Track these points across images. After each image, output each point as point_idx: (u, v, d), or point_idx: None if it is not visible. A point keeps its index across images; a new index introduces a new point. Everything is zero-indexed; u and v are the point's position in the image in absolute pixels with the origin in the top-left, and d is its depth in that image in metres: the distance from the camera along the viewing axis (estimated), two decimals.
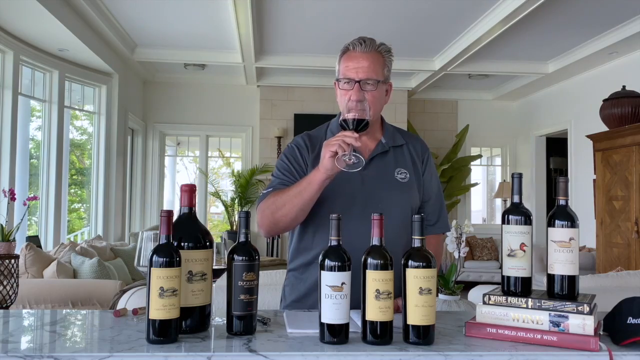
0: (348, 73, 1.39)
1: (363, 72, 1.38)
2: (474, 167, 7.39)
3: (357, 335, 1.05)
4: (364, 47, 1.40)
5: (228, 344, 1.03)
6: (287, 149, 1.49)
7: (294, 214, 1.33)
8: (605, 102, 4.66)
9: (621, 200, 4.49)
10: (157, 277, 1.00)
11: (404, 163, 1.48)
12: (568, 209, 1.10)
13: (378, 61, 1.41)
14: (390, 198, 1.41)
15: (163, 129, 6.98)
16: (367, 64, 1.39)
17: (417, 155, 1.51)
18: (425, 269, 1.03)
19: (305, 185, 1.29)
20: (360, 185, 1.40)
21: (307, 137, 1.50)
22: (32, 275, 3.55)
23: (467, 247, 2.39)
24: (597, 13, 4.33)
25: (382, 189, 1.42)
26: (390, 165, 1.47)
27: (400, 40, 5.07)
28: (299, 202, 1.31)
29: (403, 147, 1.51)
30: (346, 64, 1.41)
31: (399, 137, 1.52)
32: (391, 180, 1.44)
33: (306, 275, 1.43)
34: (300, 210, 1.33)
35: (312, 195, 1.29)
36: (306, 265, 1.44)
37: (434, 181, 1.54)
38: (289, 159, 1.45)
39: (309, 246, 1.43)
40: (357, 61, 1.39)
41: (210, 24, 4.88)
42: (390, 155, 1.48)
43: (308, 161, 1.44)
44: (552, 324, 1.03)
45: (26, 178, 4.75)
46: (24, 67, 4.68)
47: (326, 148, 1.23)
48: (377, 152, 1.47)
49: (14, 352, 0.94)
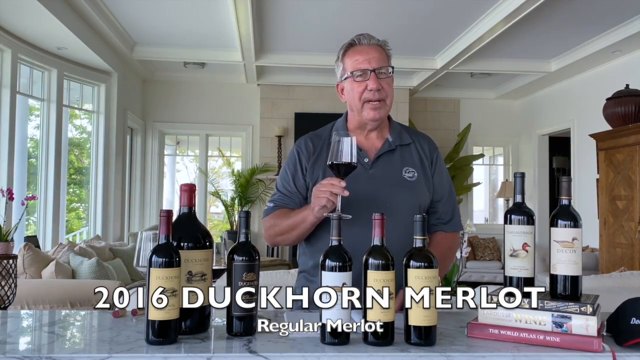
0: (361, 65, 1.41)
1: (375, 61, 1.41)
2: (476, 166, 7.37)
3: (358, 336, 1.04)
4: (368, 40, 1.44)
5: (228, 345, 1.02)
6: (289, 155, 1.54)
7: (291, 241, 1.45)
8: (608, 101, 4.64)
9: (624, 200, 4.48)
10: (157, 277, 0.99)
11: (412, 162, 1.48)
12: (571, 209, 1.09)
13: (383, 52, 1.44)
14: (398, 197, 1.40)
15: (163, 128, 6.97)
16: (377, 54, 1.42)
17: (424, 154, 1.51)
18: (427, 269, 1.02)
19: (300, 222, 1.37)
20: (367, 184, 1.40)
21: (309, 140, 1.51)
22: (31, 275, 3.54)
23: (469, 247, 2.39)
24: (600, 11, 4.32)
25: (389, 188, 1.42)
26: (397, 164, 1.46)
27: (402, 38, 5.06)
28: (294, 234, 1.41)
29: (410, 146, 1.50)
30: (355, 58, 1.42)
31: (406, 136, 1.52)
32: (399, 179, 1.44)
33: (316, 277, 1.44)
34: (297, 239, 1.43)
35: (306, 230, 1.39)
36: (315, 267, 1.45)
37: (445, 180, 1.53)
38: (289, 170, 1.50)
39: (314, 249, 1.46)
40: (366, 52, 1.42)
41: (210, 22, 4.87)
42: (397, 154, 1.48)
43: (307, 165, 1.47)
44: (554, 324, 1.03)
45: (24, 177, 4.74)
46: (22, 66, 4.66)
47: (316, 200, 1.28)
48: (384, 150, 1.47)
49: (12, 353, 0.93)
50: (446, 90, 7.12)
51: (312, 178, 1.46)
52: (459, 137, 7.07)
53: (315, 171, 1.46)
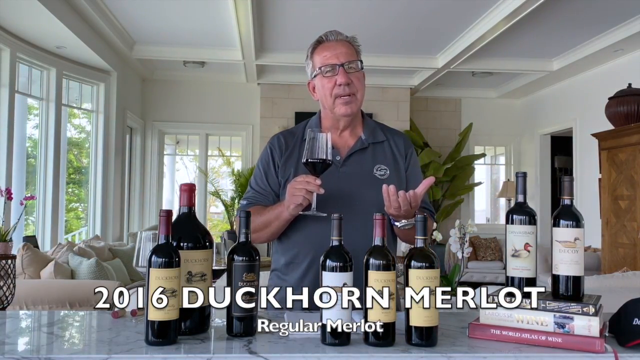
0: (329, 60, 1.42)
1: (343, 56, 1.42)
2: (477, 166, 7.36)
3: (359, 337, 1.04)
4: (335, 36, 1.45)
5: (228, 346, 1.02)
6: (262, 152, 1.54)
7: (265, 238, 1.43)
8: (610, 100, 4.63)
9: (627, 200, 4.47)
10: (156, 277, 0.99)
11: (384, 160, 1.48)
12: (573, 209, 1.09)
13: (351, 48, 1.45)
14: (367, 195, 1.40)
15: (162, 127, 6.96)
16: (345, 49, 1.43)
17: (399, 151, 1.51)
18: (428, 269, 1.01)
19: (274, 219, 1.37)
20: (337, 182, 1.41)
21: (282, 137, 1.52)
22: (29, 275, 3.53)
23: (471, 248, 2.38)
24: (603, 10, 4.31)
25: (359, 186, 1.42)
26: (369, 162, 1.46)
27: (402, 37, 5.06)
28: (268, 231, 1.40)
29: (384, 144, 1.51)
30: (324, 54, 1.43)
31: (380, 133, 1.52)
32: (369, 177, 1.44)
33: (288, 275, 1.45)
34: (271, 236, 1.42)
35: (280, 228, 1.39)
36: (287, 265, 1.45)
37: (418, 175, 1.54)
38: (262, 167, 1.50)
39: (285, 247, 1.46)
40: (334, 48, 1.43)
41: (210, 20, 4.86)
42: (369, 151, 1.48)
43: (280, 162, 1.48)
44: (556, 325, 1.02)
45: (23, 177, 4.73)
46: (21, 65, 4.66)
47: (291, 198, 1.28)
48: (356, 148, 1.47)
49: (11, 354, 0.93)
50: (447, 89, 7.10)
51: (284, 175, 1.46)
52: (460, 136, 7.06)
53: (287, 168, 1.46)
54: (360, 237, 1.20)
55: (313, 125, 1.51)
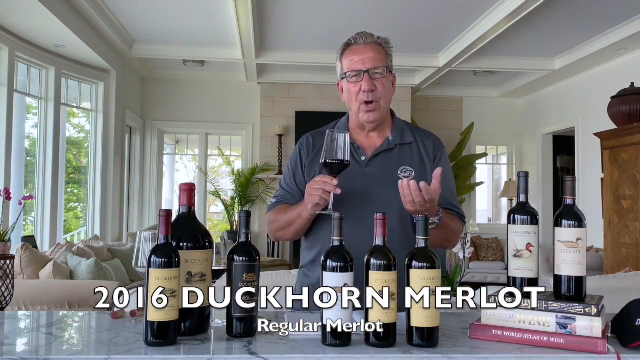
0: (355, 65, 1.42)
1: (370, 62, 1.42)
2: (479, 165, 7.34)
3: (360, 338, 1.03)
4: (365, 39, 1.44)
5: (228, 347, 1.01)
6: (293, 152, 1.58)
7: (290, 236, 1.48)
8: (613, 99, 4.62)
9: (629, 200, 4.46)
10: (156, 278, 0.98)
11: (411, 161, 1.47)
12: (575, 209, 1.08)
13: (381, 51, 1.44)
14: (389, 196, 1.39)
15: (162, 126, 6.95)
16: (372, 54, 1.42)
17: (427, 153, 1.50)
18: (430, 269, 1.01)
19: (296, 217, 1.41)
20: (360, 182, 1.42)
21: (311, 137, 1.55)
22: (28, 276, 3.52)
23: (472, 248, 2.38)
24: (605, 8, 4.30)
25: (381, 187, 1.42)
26: (394, 163, 1.46)
27: (404, 36, 5.05)
28: (292, 230, 1.45)
29: (412, 145, 1.50)
30: (351, 58, 1.44)
31: (409, 135, 1.51)
32: (392, 178, 1.43)
33: (313, 272, 1.47)
34: (296, 234, 1.46)
35: (303, 226, 1.43)
36: (312, 262, 1.48)
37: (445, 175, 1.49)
38: (291, 166, 1.55)
39: (311, 244, 1.49)
40: (361, 53, 1.43)
41: (210, 19, 4.86)
42: (396, 152, 1.48)
43: (306, 162, 1.51)
44: (559, 325, 1.02)
45: (22, 177, 4.72)
46: (20, 64, 4.65)
47: (308, 198, 1.31)
48: (382, 149, 1.48)
49: (10, 355, 0.92)
50: (449, 88, 7.09)
51: (309, 175, 1.48)
52: (462, 136, 7.05)
53: (313, 168, 1.48)
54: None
55: (341, 126, 1.53)
